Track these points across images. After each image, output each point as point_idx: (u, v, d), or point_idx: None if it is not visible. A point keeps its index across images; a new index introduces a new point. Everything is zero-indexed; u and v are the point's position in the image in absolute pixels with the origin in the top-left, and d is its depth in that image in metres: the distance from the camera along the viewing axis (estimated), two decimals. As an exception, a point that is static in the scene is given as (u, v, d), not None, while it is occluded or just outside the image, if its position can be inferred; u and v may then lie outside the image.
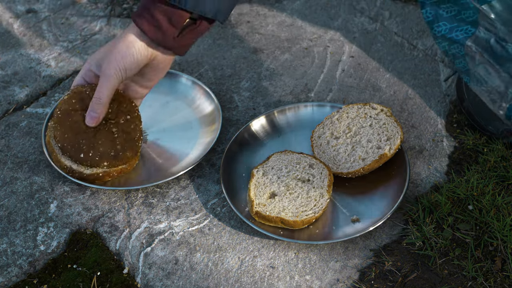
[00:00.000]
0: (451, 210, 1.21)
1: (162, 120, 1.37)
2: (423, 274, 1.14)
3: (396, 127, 1.27)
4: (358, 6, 1.62)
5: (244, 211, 1.20)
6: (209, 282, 1.14)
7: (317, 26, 1.58)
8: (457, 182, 1.25)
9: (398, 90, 1.44)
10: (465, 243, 1.17)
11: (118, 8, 1.64)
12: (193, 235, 1.20)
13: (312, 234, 1.17)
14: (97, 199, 1.26)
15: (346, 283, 1.14)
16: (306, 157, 1.25)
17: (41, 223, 1.22)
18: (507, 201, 1.20)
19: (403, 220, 1.22)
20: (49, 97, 1.44)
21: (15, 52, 1.53)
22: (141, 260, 1.17)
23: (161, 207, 1.24)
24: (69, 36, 1.57)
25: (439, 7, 1.23)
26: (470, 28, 1.21)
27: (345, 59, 1.51)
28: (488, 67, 1.20)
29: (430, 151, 1.32)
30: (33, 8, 1.64)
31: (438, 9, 1.24)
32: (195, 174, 1.29)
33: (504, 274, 1.13)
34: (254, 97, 1.43)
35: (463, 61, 1.24)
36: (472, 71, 1.23)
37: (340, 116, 1.31)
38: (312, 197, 1.19)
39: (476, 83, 1.23)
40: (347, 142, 1.27)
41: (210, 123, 1.35)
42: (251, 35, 1.57)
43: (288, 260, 1.17)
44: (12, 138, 1.36)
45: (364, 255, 1.17)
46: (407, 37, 1.55)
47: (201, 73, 1.48)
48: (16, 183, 1.28)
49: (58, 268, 1.16)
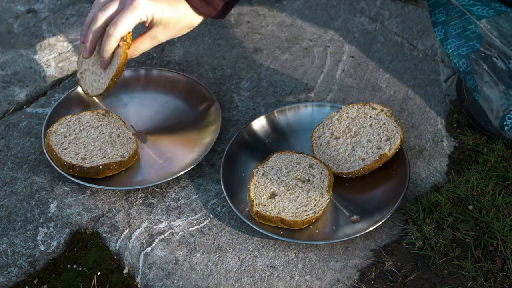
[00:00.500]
0: (451, 210, 1.21)
1: (162, 120, 1.37)
2: (423, 274, 1.14)
3: (396, 127, 1.27)
4: (358, 6, 1.62)
5: (244, 211, 1.20)
6: (209, 282, 1.14)
7: (317, 26, 1.58)
8: (457, 182, 1.25)
9: (398, 90, 1.44)
10: (465, 243, 1.17)
11: (118, 8, 1.64)
12: (193, 235, 1.20)
13: (312, 234, 1.17)
14: (97, 199, 1.26)
15: (346, 283, 1.14)
16: (306, 157, 1.25)
17: (41, 223, 1.22)
18: (507, 201, 1.20)
19: (403, 220, 1.22)
20: (49, 97, 1.44)
21: (15, 52, 1.53)
22: (141, 260, 1.17)
23: (161, 207, 1.24)
24: (69, 36, 1.57)
25: (448, 25, 1.25)
26: (475, 44, 1.21)
27: (345, 59, 1.51)
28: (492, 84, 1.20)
29: (430, 151, 1.32)
30: (33, 8, 1.64)
31: (448, 27, 1.25)
32: (195, 174, 1.29)
33: (504, 274, 1.13)
34: (254, 97, 1.43)
35: (472, 78, 1.24)
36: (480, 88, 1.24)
37: (340, 116, 1.31)
38: (312, 197, 1.19)
39: (485, 100, 1.24)
40: (347, 142, 1.27)
41: (210, 123, 1.34)
42: (251, 35, 1.57)
43: (288, 260, 1.17)
44: (12, 138, 1.36)
45: (364, 255, 1.17)
46: (407, 37, 1.55)
47: (201, 73, 1.48)
48: (16, 183, 1.28)
49: (58, 268, 1.16)
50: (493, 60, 1.18)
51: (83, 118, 1.32)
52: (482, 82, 1.22)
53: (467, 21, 1.21)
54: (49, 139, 1.28)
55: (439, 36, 1.27)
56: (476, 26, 1.20)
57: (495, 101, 1.21)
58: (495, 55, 1.18)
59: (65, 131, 1.30)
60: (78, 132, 1.30)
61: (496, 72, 1.19)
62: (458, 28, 1.23)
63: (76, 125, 1.31)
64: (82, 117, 1.32)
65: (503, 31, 1.18)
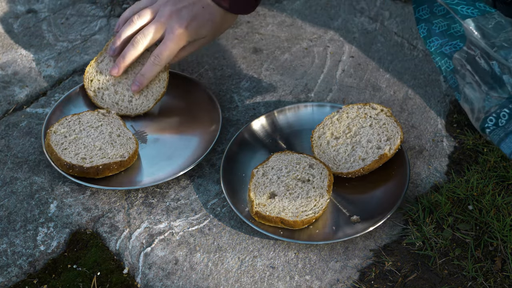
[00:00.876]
0: (451, 210, 1.21)
1: (162, 120, 1.37)
2: (423, 274, 1.14)
3: (396, 127, 1.27)
4: (358, 6, 1.62)
5: (244, 211, 1.20)
6: (209, 282, 1.14)
7: (317, 26, 1.58)
8: (457, 182, 1.25)
9: (398, 90, 1.44)
10: (465, 243, 1.17)
11: (118, 8, 1.64)
12: (193, 235, 1.20)
13: (312, 234, 1.17)
14: (97, 199, 1.26)
15: (346, 283, 1.14)
16: (306, 157, 1.25)
17: (41, 223, 1.22)
18: (507, 201, 1.20)
19: (403, 220, 1.22)
20: (49, 97, 1.44)
21: (15, 52, 1.53)
22: (141, 260, 1.17)
23: (161, 207, 1.24)
24: (69, 36, 1.57)
25: (432, 23, 1.24)
26: (459, 43, 1.21)
27: (345, 59, 1.51)
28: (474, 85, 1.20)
29: (430, 151, 1.32)
30: (33, 8, 1.64)
31: (431, 25, 1.24)
32: (195, 174, 1.29)
33: (504, 274, 1.13)
34: (254, 97, 1.43)
35: (453, 78, 1.24)
36: (461, 88, 1.23)
37: (340, 116, 1.31)
38: (312, 197, 1.20)
39: (465, 101, 1.24)
40: (347, 142, 1.27)
41: (210, 123, 1.35)
42: (251, 35, 1.57)
43: (288, 260, 1.17)
44: (12, 138, 1.36)
45: (364, 255, 1.17)
46: (407, 37, 1.55)
47: (201, 73, 1.48)
48: (16, 183, 1.28)
49: (58, 268, 1.16)
50: (476, 60, 1.18)
51: (83, 118, 1.32)
52: (464, 83, 1.21)
53: (452, 19, 1.21)
54: (49, 139, 1.28)
55: (422, 34, 1.26)
56: (461, 25, 1.19)
57: (476, 103, 1.21)
58: (478, 55, 1.18)
59: (65, 131, 1.30)
60: (78, 132, 1.30)
61: (479, 73, 1.19)
62: (442, 27, 1.22)
63: (76, 125, 1.31)
64: (83, 117, 1.32)
65: (487, 32, 1.17)
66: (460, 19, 1.17)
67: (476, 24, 1.17)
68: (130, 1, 1.65)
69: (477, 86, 1.19)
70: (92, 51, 1.53)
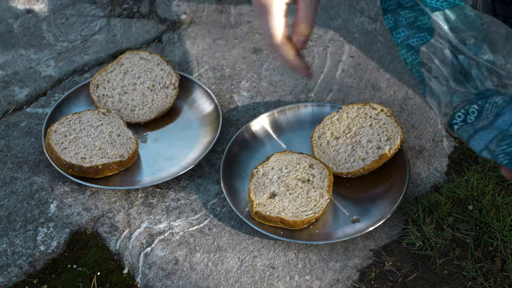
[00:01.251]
0: (451, 210, 1.21)
1: (162, 120, 1.37)
2: (423, 274, 1.14)
3: (396, 127, 1.27)
4: (358, 6, 1.62)
5: (244, 211, 1.20)
6: (209, 282, 1.14)
7: (317, 26, 1.58)
8: (457, 182, 1.25)
9: (398, 90, 1.44)
10: (465, 243, 1.17)
11: (118, 8, 1.64)
12: (193, 235, 1.20)
13: (312, 234, 1.17)
14: (97, 199, 1.26)
15: (346, 283, 1.14)
16: (306, 157, 1.25)
17: (41, 223, 1.22)
18: (507, 201, 1.20)
19: (403, 220, 1.22)
20: (49, 97, 1.44)
21: (15, 52, 1.53)
22: (141, 260, 1.17)
23: (161, 207, 1.24)
24: (69, 36, 1.57)
25: (399, 14, 1.23)
26: (426, 35, 1.20)
27: (345, 59, 1.51)
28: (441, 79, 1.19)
29: (430, 151, 1.32)
30: (33, 8, 1.64)
31: (398, 16, 1.23)
32: (195, 174, 1.29)
33: (504, 274, 1.13)
34: (254, 97, 1.43)
35: (419, 71, 1.23)
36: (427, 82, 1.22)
37: (340, 116, 1.31)
38: (312, 197, 1.19)
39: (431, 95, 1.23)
40: (347, 142, 1.27)
41: (210, 123, 1.34)
42: (251, 35, 1.57)
43: (288, 260, 1.17)
44: (12, 138, 1.36)
45: (364, 255, 1.17)
46: (407, 37, 1.54)
47: (201, 73, 1.48)
48: (16, 183, 1.28)
49: (58, 268, 1.16)
50: (444, 54, 1.17)
51: (84, 117, 1.32)
52: (431, 76, 1.20)
53: (420, 11, 1.20)
54: (50, 138, 1.28)
55: (388, 24, 1.25)
56: (429, 18, 1.18)
57: (443, 97, 1.20)
58: (446, 49, 1.17)
59: (66, 130, 1.30)
60: (78, 132, 1.30)
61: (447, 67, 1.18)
62: (409, 18, 1.21)
63: (76, 124, 1.31)
64: (83, 116, 1.32)
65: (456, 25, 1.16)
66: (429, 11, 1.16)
67: (445, 17, 1.17)
68: (130, 1, 1.65)
69: (444, 80, 1.18)
70: (92, 51, 1.53)
